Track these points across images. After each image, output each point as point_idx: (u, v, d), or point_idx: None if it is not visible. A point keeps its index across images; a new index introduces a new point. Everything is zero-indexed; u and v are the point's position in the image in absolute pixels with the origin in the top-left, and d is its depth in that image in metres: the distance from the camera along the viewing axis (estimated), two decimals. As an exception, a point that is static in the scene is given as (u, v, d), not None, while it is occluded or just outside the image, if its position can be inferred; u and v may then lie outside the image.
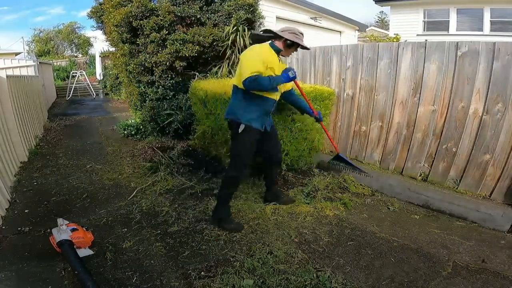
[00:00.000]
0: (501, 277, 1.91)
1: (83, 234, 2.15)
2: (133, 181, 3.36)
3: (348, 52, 3.53)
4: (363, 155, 3.57)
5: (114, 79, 10.41)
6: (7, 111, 3.66)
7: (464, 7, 10.34)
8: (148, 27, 4.20)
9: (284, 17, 7.04)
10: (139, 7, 4.20)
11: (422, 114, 2.99)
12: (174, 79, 4.50)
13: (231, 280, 1.86)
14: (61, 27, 25.04)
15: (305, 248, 2.21)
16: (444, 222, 2.62)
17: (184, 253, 2.15)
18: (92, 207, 2.82)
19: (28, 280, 1.86)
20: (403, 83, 3.09)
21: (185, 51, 4.20)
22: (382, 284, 1.87)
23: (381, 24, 29.87)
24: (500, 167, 2.58)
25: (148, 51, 4.33)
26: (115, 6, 4.69)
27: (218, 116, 3.48)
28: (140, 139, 5.06)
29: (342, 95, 3.69)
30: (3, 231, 2.38)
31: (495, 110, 2.54)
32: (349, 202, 2.89)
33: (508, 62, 2.44)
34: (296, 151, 3.48)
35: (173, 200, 2.94)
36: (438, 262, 2.06)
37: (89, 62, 17.75)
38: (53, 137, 5.42)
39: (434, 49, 2.82)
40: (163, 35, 4.21)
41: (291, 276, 1.90)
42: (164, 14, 4.22)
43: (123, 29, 4.45)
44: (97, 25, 6.71)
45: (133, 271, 1.96)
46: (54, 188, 3.20)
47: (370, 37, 11.06)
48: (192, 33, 4.29)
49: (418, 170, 3.09)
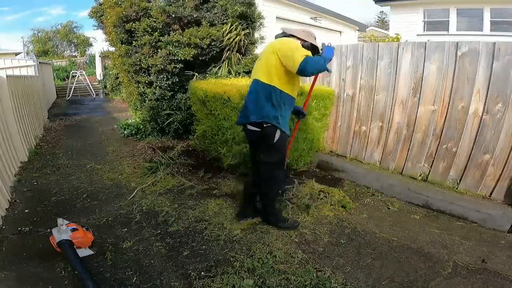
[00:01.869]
0: (501, 277, 1.91)
1: (83, 234, 2.15)
2: (133, 181, 3.36)
3: (348, 52, 3.53)
4: (363, 155, 3.57)
5: (114, 79, 10.41)
6: (7, 111, 3.66)
7: (464, 7, 10.34)
8: (140, 30, 4.12)
9: (284, 17, 7.03)
10: (132, 6, 4.13)
11: (422, 114, 2.99)
12: (170, 80, 4.46)
13: (231, 280, 1.86)
14: (59, 27, 25.07)
15: (305, 248, 2.21)
16: (444, 222, 2.61)
17: (184, 253, 2.15)
18: (92, 207, 2.82)
19: (28, 280, 1.86)
20: (403, 83, 3.09)
21: (181, 55, 4.11)
22: (382, 284, 1.87)
23: (381, 24, 29.89)
24: (500, 167, 2.58)
25: (144, 52, 4.27)
26: (112, 6, 4.66)
27: (218, 116, 3.49)
28: (140, 139, 5.06)
29: (342, 95, 3.69)
30: (3, 231, 2.38)
31: (495, 110, 2.54)
32: (348, 203, 2.85)
33: (508, 62, 2.44)
34: (295, 151, 3.49)
35: (173, 200, 2.94)
36: (438, 262, 2.06)
37: (89, 62, 17.75)
38: (53, 137, 5.42)
39: (434, 49, 2.82)
40: (156, 37, 4.11)
41: (291, 276, 1.90)
42: (157, 16, 4.11)
43: (119, 29, 4.42)
44: (98, 25, 6.72)
45: (133, 271, 1.96)
46: (54, 188, 3.20)
47: (370, 37, 11.05)
48: (188, 34, 4.18)
49: (418, 170, 3.09)
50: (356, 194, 3.15)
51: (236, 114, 3.21)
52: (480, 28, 10.09)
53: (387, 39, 8.94)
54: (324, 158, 3.81)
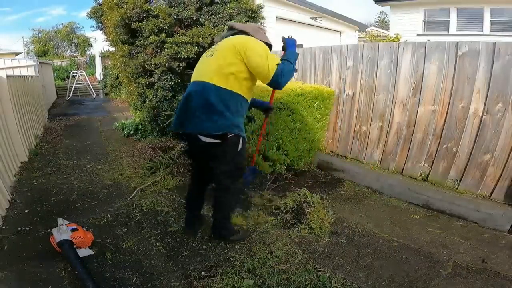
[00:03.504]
0: (501, 277, 1.91)
1: (83, 234, 2.15)
2: (133, 181, 3.36)
3: (348, 52, 3.53)
4: (363, 155, 3.57)
5: (114, 79, 10.41)
6: (7, 111, 3.66)
7: (464, 7, 10.35)
8: (147, 30, 4.17)
9: (284, 17, 7.03)
10: (134, 8, 4.17)
11: (422, 114, 2.99)
12: (173, 80, 4.49)
13: (231, 280, 1.85)
14: (60, 27, 25.08)
15: (305, 248, 2.21)
16: (444, 222, 2.61)
17: (184, 253, 2.15)
18: (92, 207, 2.82)
19: (28, 280, 1.86)
20: (403, 83, 3.09)
21: (184, 53, 4.18)
22: (382, 284, 1.87)
23: (381, 24, 29.91)
24: (500, 167, 2.58)
25: (147, 53, 4.30)
26: (112, 7, 4.67)
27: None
28: (140, 139, 5.06)
29: (342, 95, 3.69)
30: (3, 231, 2.38)
31: (495, 110, 2.54)
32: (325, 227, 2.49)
33: (508, 62, 2.43)
34: (296, 151, 3.49)
35: (173, 200, 2.94)
36: (438, 262, 2.06)
37: (89, 62, 17.76)
38: (53, 137, 5.42)
39: (434, 49, 2.82)
40: (162, 38, 4.18)
41: (291, 276, 1.90)
42: (164, 16, 4.19)
43: (121, 30, 4.43)
44: (97, 25, 6.71)
45: (133, 271, 1.96)
46: (54, 188, 3.20)
47: (370, 37, 11.05)
48: (191, 34, 4.26)
49: (418, 170, 3.09)
50: (356, 194, 3.15)
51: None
52: (480, 28, 10.09)
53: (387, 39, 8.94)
54: (324, 158, 3.81)
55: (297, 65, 2.19)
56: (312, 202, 2.60)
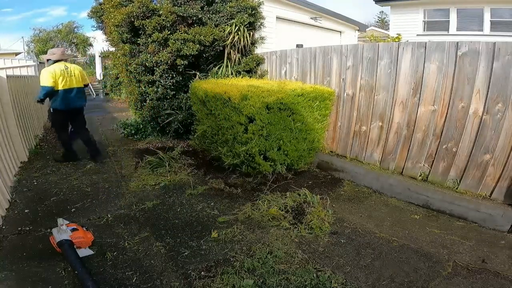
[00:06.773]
0: (501, 277, 1.91)
1: (83, 234, 2.16)
2: (133, 181, 3.36)
3: (348, 52, 3.53)
4: (363, 155, 3.57)
5: (114, 79, 10.41)
6: (7, 111, 3.66)
7: (464, 7, 10.34)
8: (150, 27, 4.22)
9: (284, 17, 7.03)
10: (140, 7, 4.22)
11: (422, 114, 2.99)
12: (175, 79, 4.51)
13: (231, 280, 1.86)
14: (60, 27, 25.07)
15: (305, 248, 2.21)
16: (444, 222, 2.61)
17: (184, 253, 2.15)
18: (92, 207, 2.82)
19: (28, 280, 1.86)
20: (403, 83, 3.09)
21: (186, 50, 4.23)
22: (382, 284, 1.87)
23: (381, 24, 29.89)
24: (500, 167, 2.58)
25: (149, 51, 4.34)
26: (116, 6, 4.70)
27: (218, 116, 3.49)
28: (140, 139, 5.06)
29: (342, 95, 3.69)
30: (3, 231, 2.38)
31: (495, 110, 2.54)
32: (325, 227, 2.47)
33: (508, 62, 2.43)
34: (296, 151, 3.49)
35: (173, 200, 2.94)
36: (438, 262, 2.06)
37: (89, 62, 17.74)
38: (53, 137, 5.39)
39: (434, 49, 2.82)
40: (165, 35, 4.24)
41: (291, 276, 1.90)
42: (166, 14, 4.26)
43: (123, 29, 4.46)
44: (97, 25, 6.71)
45: (133, 271, 1.96)
46: (54, 188, 3.20)
47: (370, 37, 11.04)
48: (193, 32, 4.33)
49: (418, 170, 3.09)
50: (356, 194, 3.15)
51: (236, 114, 3.21)
52: (480, 28, 10.08)
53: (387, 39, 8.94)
54: (324, 158, 3.81)
55: (297, 65, 2.24)
56: (312, 202, 2.61)
